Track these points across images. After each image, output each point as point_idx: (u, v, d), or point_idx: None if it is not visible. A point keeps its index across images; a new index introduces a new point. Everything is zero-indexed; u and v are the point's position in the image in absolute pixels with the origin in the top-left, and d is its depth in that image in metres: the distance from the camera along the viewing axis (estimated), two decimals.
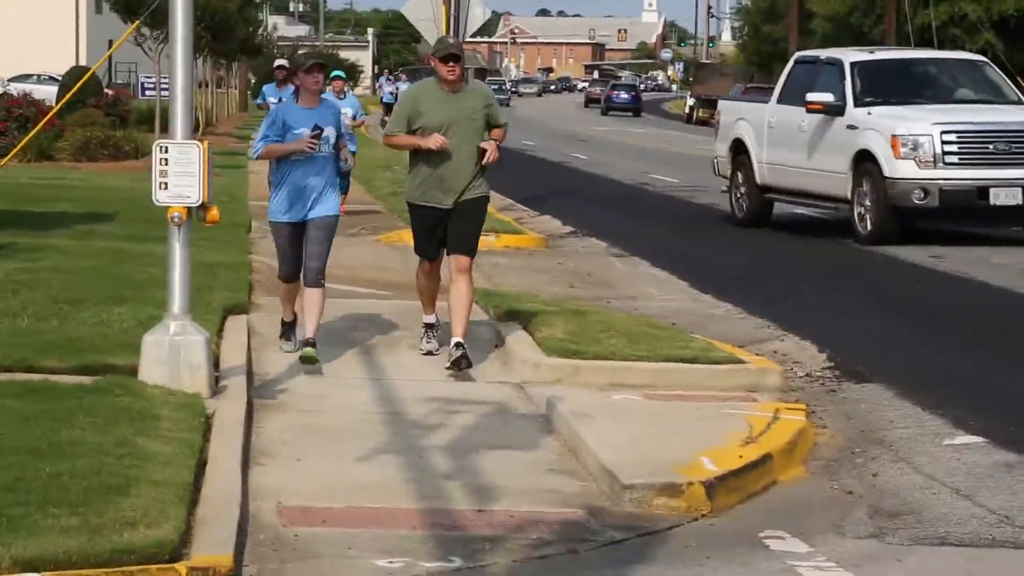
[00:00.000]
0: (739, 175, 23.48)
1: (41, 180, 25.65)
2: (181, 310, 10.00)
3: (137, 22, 24.08)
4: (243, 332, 12.27)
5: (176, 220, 9.94)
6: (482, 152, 11.22)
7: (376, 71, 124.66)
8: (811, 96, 21.42)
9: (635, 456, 8.81)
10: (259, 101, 22.96)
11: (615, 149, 48.14)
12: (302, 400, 10.51)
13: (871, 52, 23.31)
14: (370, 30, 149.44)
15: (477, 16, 25.01)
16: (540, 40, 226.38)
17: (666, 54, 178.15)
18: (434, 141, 11.16)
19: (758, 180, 22.96)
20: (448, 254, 11.53)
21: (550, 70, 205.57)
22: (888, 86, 21.62)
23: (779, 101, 22.95)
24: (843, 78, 21.49)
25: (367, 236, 20.65)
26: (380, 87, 64.38)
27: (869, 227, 20.26)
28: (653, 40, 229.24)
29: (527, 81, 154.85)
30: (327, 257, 11.45)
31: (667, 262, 18.38)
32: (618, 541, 7.72)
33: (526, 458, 9.16)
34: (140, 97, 49.76)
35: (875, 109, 20.98)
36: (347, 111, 20.54)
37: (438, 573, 7.13)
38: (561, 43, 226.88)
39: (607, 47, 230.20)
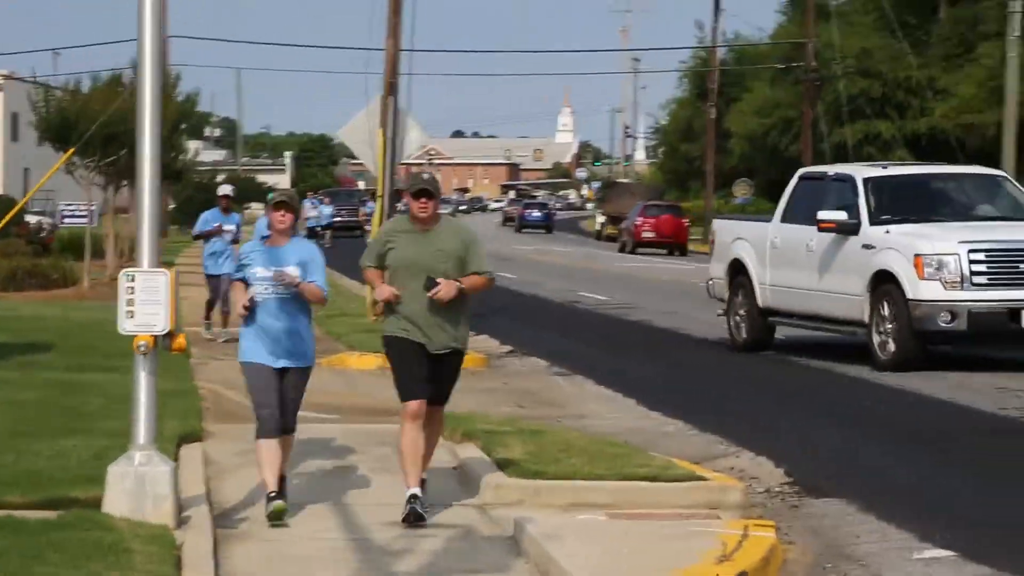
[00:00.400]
0: (738, 297, 22.33)
1: None
2: (147, 440, 9.92)
3: (71, 150, 24.02)
4: (199, 461, 12.18)
5: (143, 349, 9.89)
6: (432, 282, 10.28)
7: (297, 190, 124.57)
8: (823, 215, 20.35)
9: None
10: (197, 231, 22.62)
11: (539, 268, 48.32)
12: (265, 529, 10.40)
13: (884, 168, 22.21)
14: (287, 153, 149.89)
15: (414, 139, 25.19)
16: (456, 161, 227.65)
17: (581, 173, 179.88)
18: (382, 292, 10.49)
19: (760, 303, 21.85)
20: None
21: (466, 190, 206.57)
22: (905, 203, 20.61)
23: (783, 219, 21.90)
24: (856, 195, 20.46)
25: None
26: (304, 210, 64.24)
27: (891, 352, 19.07)
28: (568, 160, 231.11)
29: (441, 201, 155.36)
30: (299, 407, 10.77)
31: (610, 380, 18.41)
32: None
33: None
34: (60, 225, 49.48)
35: (893, 227, 19.86)
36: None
37: None
38: (477, 163, 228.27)
39: (522, 167, 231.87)
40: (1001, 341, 19.77)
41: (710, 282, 23.46)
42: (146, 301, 9.88)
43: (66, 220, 51.27)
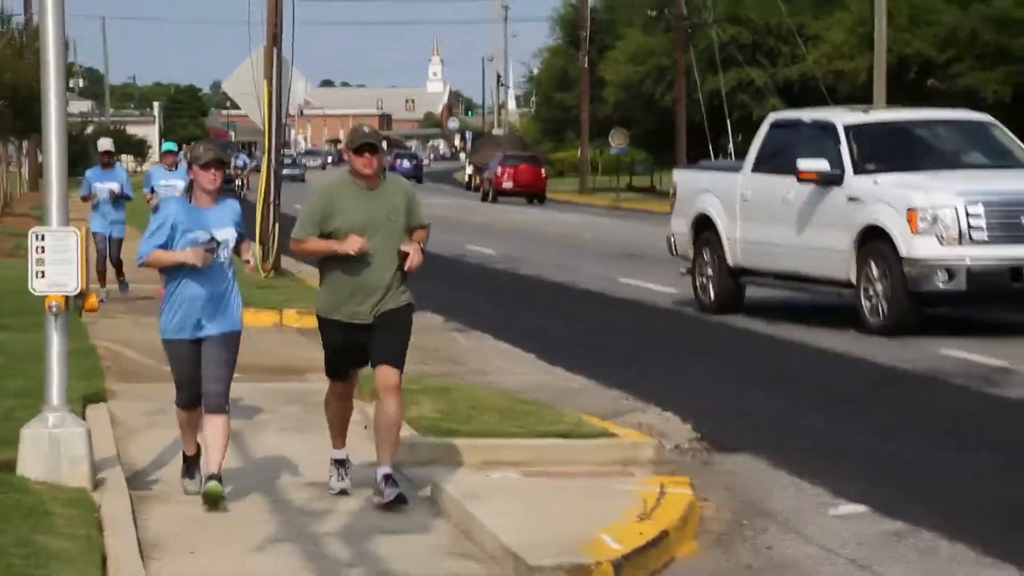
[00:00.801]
0: (704, 255, 20.79)
1: None
2: (60, 402, 9.82)
3: None
4: (106, 421, 12.07)
5: (54, 309, 9.77)
6: (404, 256, 9.66)
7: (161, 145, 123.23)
8: (803, 164, 18.88)
9: (535, 536, 8.82)
10: (84, 192, 21.58)
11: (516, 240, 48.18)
12: (179, 492, 10.31)
13: (865, 112, 20.80)
14: (156, 103, 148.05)
15: (299, 90, 25.07)
16: (327, 112, 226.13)
17: (452, 123, 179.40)
18: (352, 244, 9.58)
19: (730, 261, 20.34)
20: (373, 366, 9.95)
21: (337, 141, 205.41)
22: (890, 151, 19.20)
23: (755, 169, 20.41)
24: (837, 142, 19.00)
25: None
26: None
27: (883, 315, 17.82)
28: (440, 110, 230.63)
29: (311, 154, 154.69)
30: (231, 379, 9.93)
31: (509, 336, 18.45)
32: None
33: (421, 542, 9.13)
34: None
35: (881, 177, 18.50)
36: (178, 183, 20.20)
37: None
38: (348, 114, 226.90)
39: (394, 117, 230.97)
40: (1001, 301, 18.53)
41: (671, 238, 21.91)
42: (57, 260, 9.77)
43: None
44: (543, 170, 71.18)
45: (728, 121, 65.22)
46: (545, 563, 8.32)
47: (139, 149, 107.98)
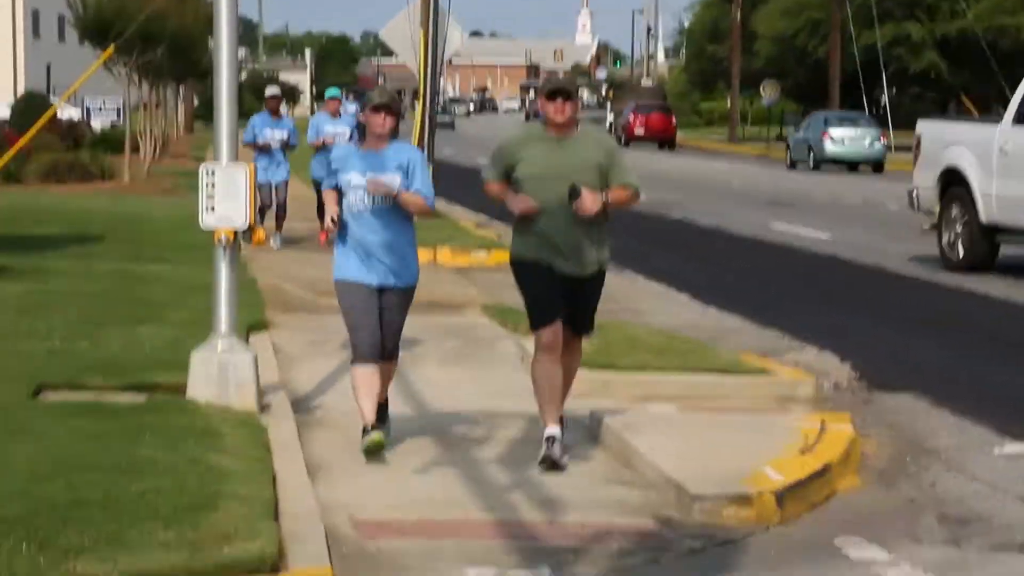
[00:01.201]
0: (953, 211, 19.53)
1: (18, 204, 25.47)
2: (228, 329, 9.99)
3: (110, 48, 23.95)
4: (269, 350, 12.26)
5: (223, 242, 9.93)
6: (575, 190, 8.87)
7: (315, 93, 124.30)
8: None
9: (695, 467, 8.82)
10: (248, 139, 20.65)
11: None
12: (340, 415, 10.47)
13: None
14: (307, 51, 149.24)
15: (455, 39, 25.09)
16: (475, 62, 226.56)
17: (601, 74, 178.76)
18: (519, 204, 9.01)
19: (983, 218, 18.96)
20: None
21: (485, 90, 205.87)
22: None
23: (1017, 121, 18.86)
24: None
25: None
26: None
27: None
28: (588, 61, 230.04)
29: (455, 101, 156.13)
30: (401, 331, 9.53)
31: (659, 275, 18.45)
32: (697, 550, 7.73)
33: (580, 470, 9.17)
34: (87, 121, 49.47)
35: None
36: (344, 131, 19.96)
37: None
38: (496, 64, 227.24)
39: (542, 67, 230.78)
40: None
41: (914, 193, 20.64)
42: (226, 196, 9.92)
43: (93, 116, 51.26)
44: (672, 118, 73.67)
45: (884, 75, 64.64)
46: (707, 492, 8.32)
47: (291, 96, 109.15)
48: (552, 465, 9.04)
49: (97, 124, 48.53)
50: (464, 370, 12.05)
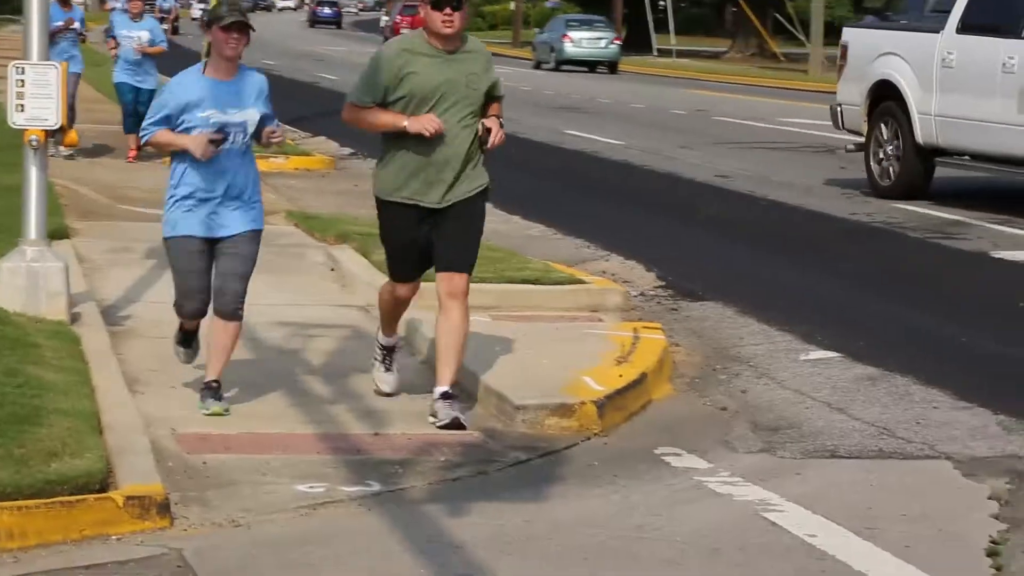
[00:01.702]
0: (883, 130, 17.69)
1: None
2: (39, 236, 9.79)
3: None
4: (72, 259, 11.99)
5: (34, 143, 9.70)
6: (486, 131, 8.21)
7: None
8: None
9: (516, 378, 8.91)
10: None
11: (355, 69, 47.88)
12: (152, 327, 10.33)
13: None
14: None
15: None
16: None
17: None
18: (426, 124, 8.05)
19: (920, 138, 17.12)
20: (436, 271, 8.44)
21: None
22: None
23: (961, 30, 16.88)
24: None
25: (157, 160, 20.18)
26: (107, 5, 61.70)
27: None
28: None
29: None
30: (248, 281, 8.43)
31: None
32: (523, 461, 7.83)
33: (399, 380, 9.19)
34: None
35: None
36: (143, 35, 19.28)
37: (360, 497, 7.15)
38: None
39: None
40: None
41: (838, 108, 18.89)
42: (37, 95, 9.67)
43: None
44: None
45: None
46: (529, 403, 8.42)
47: None
48: (458, 426, 8.22)
49: None
50: (275, 278, 11.92)
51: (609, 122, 28.44)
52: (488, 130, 8.21)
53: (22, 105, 9.64)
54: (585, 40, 55.14)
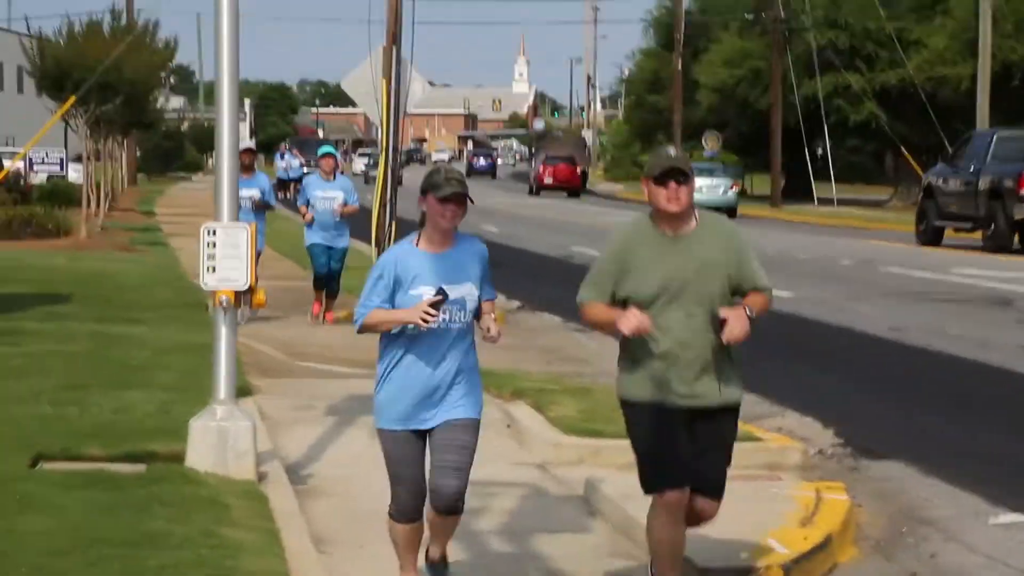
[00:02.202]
0: None
1: None
2: (228, 395, 9.97)
3: (72, 98, 23.85)
4: (255, 416, 12.20)
5: (224, 304, 9.90)
6: (721, 323, 7.05)
7: (255, 143, 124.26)
8: None
9: (698, 538, 8.83)
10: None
11: (520, 221, 48.32)
12: (335, 485, 10.47)
13: None
14: (246, 100, 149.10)
15: (416, 91, 25.14)
16: (413, 111, 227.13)
17: (538, 124, 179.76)
18: (628, 322, 6.96)
19: None
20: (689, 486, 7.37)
21: (423, 140, 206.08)
22: None
23: None
24: None
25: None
26: (285, 164, 63.97)
27: None
28: (525, 110, 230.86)
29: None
30: (469, 474, 7.55)
31: None
32: None
33: (582, 542, 9.20)
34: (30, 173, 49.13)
35: None
36: (338, 195, 19.02)
37: None
38: (434, 113, 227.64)
39: (480, 117, 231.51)
40: None
41: None
42: (227, 256, 9.89)
43: (36, 168, 50.87)
44: (578, 168, 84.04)
45: (824, 125, 65.20)
46: (714, 565, 8.37)
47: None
48: None
49: (36, 177, 48.10)
50: None
51: (774, 272, 28.33)
52: (723, 321, 7.00)
53: (213, 267, 9.87)
54: (705, 187, 56.95)
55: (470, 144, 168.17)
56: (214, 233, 9.91)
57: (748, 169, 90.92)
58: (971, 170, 37.65)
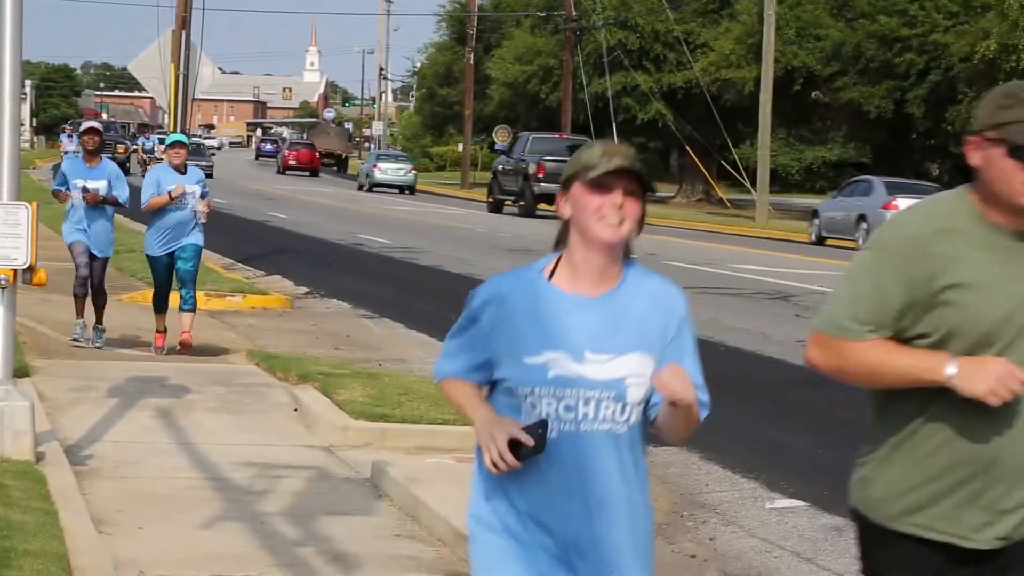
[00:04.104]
0: None
1: None
2: (5, 375, 9.75)
3: None
4: (34, 397, 11.94)
5: (2, 283, 9.69)
6: None
7: (35, 125, 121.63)
8: None
9: None
10: (59, 185, 15.60)
11: (309, 208, 48.04)
12: (115, 466, 10.30)
13: None
14: (28, 82, 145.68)
15: (206, 75, 24.83)
16: (201, 96, 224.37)
17: (329, 114, 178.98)
18: (1000, 378, 3.98)
19: None
20: None
21: (211, 127, 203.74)
22: None
23: None
24: None
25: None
26: (61, 144, 61.76)
27: None
28: (315, 99, 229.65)
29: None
30: None
31: (420, 324, 18.50)
32: None
33: (367, 523, 9.18)
34: None
35: None
36: (196, 190, 15.58)
37: None
38: (223, 99, 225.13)
39: (269, 105, 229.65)
40: None
41: None
42: (7, 235, 9.68)
43: None
44: (316, 153, 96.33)
45: (613, 123, 65.96)
46: None
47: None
48: None
49: None
50: (237, 418, 11.93)
51: None
52: None
53: None
54: (391, 169, 73.96)
55: (258, 131, 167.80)
56: None
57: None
58: None
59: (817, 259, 33.98)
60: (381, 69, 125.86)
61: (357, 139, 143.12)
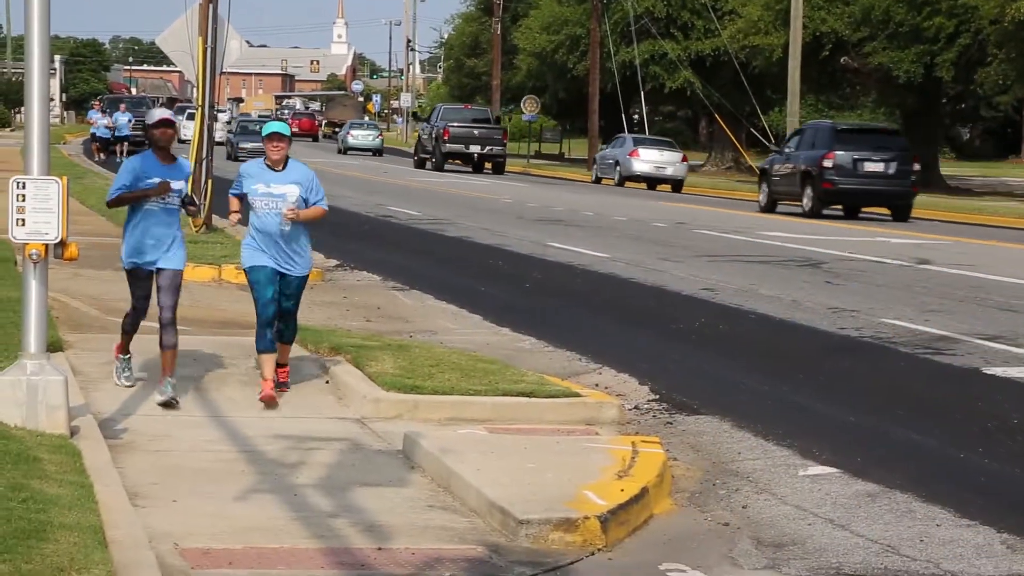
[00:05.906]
0: None
1: None
2: (38, 349, 9.77)
3: None
4: (67, 371, 11.98)
5: (34, 257, 9.72)
6: None
7: (64, 100, 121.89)
8: None
9: (519, 491, 8.90)
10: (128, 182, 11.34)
11: (335, 180, 47.99)
12: (149, 440, 10.35)
13: None
14: (57, 57, 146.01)
15: (233, 49, 24.82)
16: (229, 69, 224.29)
17: (357, 86, 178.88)
18: None
19: None
20: None
21: (240, 100, 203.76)
22: None
23: None
24: None
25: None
26: (93, 120, 60.87)
27: None
28: (343, 72, 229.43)
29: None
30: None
31: (450, 295, 18.50)
32: None
33: (400, 495, 9.19)
34: None
35: None
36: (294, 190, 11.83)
37: None
38: (251, 73, 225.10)
39: (297, 78, 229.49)
40: None
41: None
42: (37, 209, 9.70)
43: None
44: (315, 121, 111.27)
45: (641, 91, 65.79)
46: (533, 517, 8.40)
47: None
48: None
49: None
50: None
51: (591, 235, 28.57)
52: None
53: (23, 219, 9.67)
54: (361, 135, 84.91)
55: (283, 104, 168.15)
56: (23, 186, 9.70)
57: (566, 133, 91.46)
58: None
59: (850, 226, 33.86)
60: (408, 40, 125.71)
61: (386, 111, 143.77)
